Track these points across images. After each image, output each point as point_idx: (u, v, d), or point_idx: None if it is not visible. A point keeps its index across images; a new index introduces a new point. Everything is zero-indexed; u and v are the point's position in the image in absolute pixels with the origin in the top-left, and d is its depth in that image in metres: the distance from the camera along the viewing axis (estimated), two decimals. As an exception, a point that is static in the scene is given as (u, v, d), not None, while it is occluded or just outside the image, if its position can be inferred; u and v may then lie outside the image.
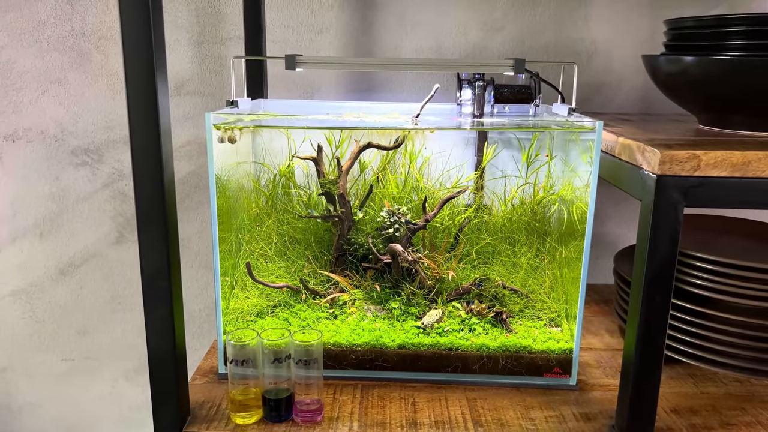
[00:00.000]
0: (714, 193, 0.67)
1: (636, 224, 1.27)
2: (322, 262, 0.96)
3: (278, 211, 0.99)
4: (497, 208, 1.00)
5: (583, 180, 0.85)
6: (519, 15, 1.18)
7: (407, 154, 0.98)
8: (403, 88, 1.21)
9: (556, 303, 0.91)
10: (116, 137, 1.23)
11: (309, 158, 0.93)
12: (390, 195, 0.98)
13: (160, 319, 0.71)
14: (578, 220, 0.86)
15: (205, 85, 1.21)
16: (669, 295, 0.69)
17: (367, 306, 0.90)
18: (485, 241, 0.97)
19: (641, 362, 0.71)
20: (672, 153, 0.66)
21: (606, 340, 1.00)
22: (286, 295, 0.92)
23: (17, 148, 1.23)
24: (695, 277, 0.85)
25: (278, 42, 1.19)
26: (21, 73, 1.19)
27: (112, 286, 1.31)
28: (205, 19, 1.18)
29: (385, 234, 0.91)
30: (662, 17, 1.18)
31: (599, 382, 0.87)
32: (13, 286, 1.31)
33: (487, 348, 0.85)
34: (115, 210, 1.27)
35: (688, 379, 0.89)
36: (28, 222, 1.27)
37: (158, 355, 0.73)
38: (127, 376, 1.36)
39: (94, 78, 1.20)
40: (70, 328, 1.33)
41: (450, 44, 1.19)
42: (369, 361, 0.85)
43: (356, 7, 1.18)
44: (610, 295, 1.19)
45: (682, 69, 0.83)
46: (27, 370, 1.36)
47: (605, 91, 1.22)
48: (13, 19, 1.17)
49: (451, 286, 0.91)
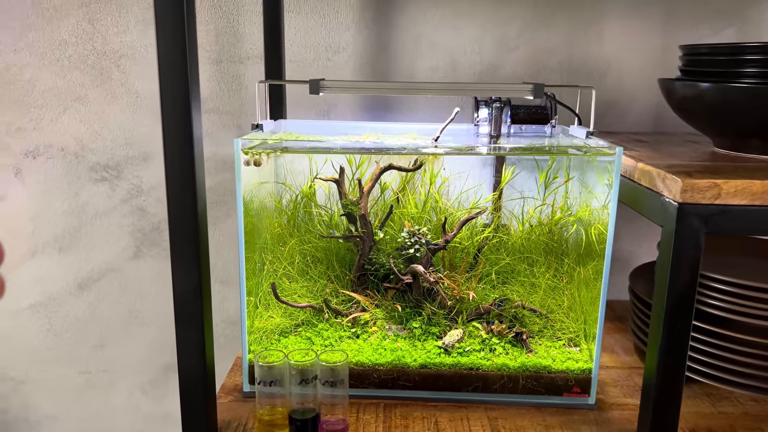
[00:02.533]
0: (734, 221, 0.68)
1: (649, 241, 1.29)
2: (343, 281, 0.97)
3: (300, 231, 1.00)
4: (515, 228, 1.02)
5: (600, 201, 0.87)
6: (533, 34, 1.20)
7: (426, 175, 1.00)
8: (419, 106, 1.22)
9: (575, 323, 0.93)
10: (135, 154, 1.25)
11: (331, 179, 0.94)
12: (410, 215, 1.00)
13: (191, 341, 0.73)
14: (596, 241, 0.87)
15: (224, 103, 1.23)
16: (690, 320, 0.71)
17: (388, 325, 0.92)
18: (504, 261, 0.98)
19: (662, 387, 0.72)
20: (693, 182, 0.67)
21: (622, 359, 1.02)
22: (309, 315, 0.94)
23: (38, 165, 1.25)
24: (712, 297, 0.87)
25: (295, 61, 1.20)
26: (43, 91, 1.21)
27: (130, 300, 1.32)
28: (224, 39, 1.20)
29: (405, 254, 0.93)
30: (674, 37, 1.21)
31: (617, 401, 0.89)
32: (32, 299, 1.32)
33: (508, 368, 0.86)
34: (133, 225, 1.28)
35: (705, 398, 0.90)
36: (48, 237, 1.29)
37: (189, 377, 0.74)
38: (144, 390, 1.38)
39: (114, 96, 1.22)
40: (88, 341, 1.35)
41: (465, 63, 1.21)
42: (391, 380, 0.87)
43: (372, 28, 1.20)
44: (624, 311, 1.21)
45: (698, 94, 0.85)
46: (45, 383, 1.37)
47: (618, 108, 1.24)
48: (35, 39, 1.19)
49: (471, 306, 0.93)
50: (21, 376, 1.37)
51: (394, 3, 1.19)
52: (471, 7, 1.19)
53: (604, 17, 1.19)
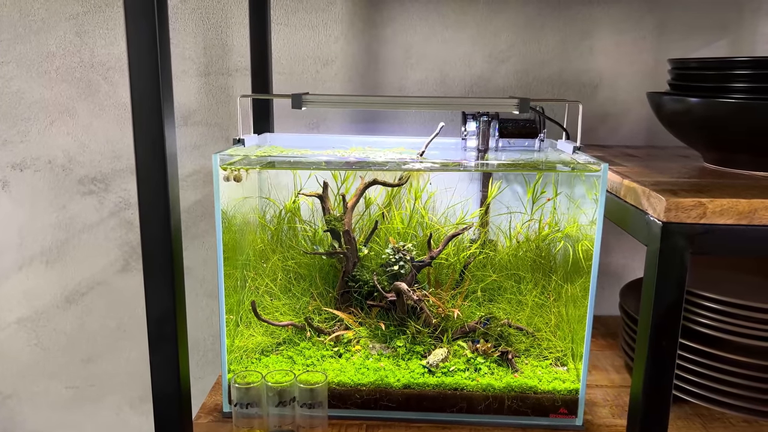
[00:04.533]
0: (720, 241, 0.67)
1: (641, 253, 1.27)
2: (326, 298, 0.96)
3: (283, 246, 0.99)
4: (502, 243, 1.00)
5: (588, 216, 0.85)
6: (523, 47, 1.19)
7: (412, 190, 0.99)
8: (409, 118, 1.21)
9: (562, 342, 0.91)
10: (123, 166, 1.24)
11: (314, 195, 0.93)
12: (395, 230, 0.98)
13: (165, 362, 0.71)
14: (584, 257, 0.86)
15: (212, 115, 1.22)
16: (676, 339, 0.69)
17: (371, 344, 0.90)
18: (491, 278, 0.96)
19: (648, 408, 0.70)
20: (677, 201, 0.66)
21: (612, 377, 0.99)
22: (291, 333, 0.92)
23: (25, 177, 1.24)
24: (702, 316, 0.85)
25: (284, 73, 1.19)
26: (30, 103, 1.21)
27: (118, 314, 1.31)
28: (212, 51, 1.19)
29: (390, 271, 0.91)
30: (666, 50, 1.19)
31: (606, 422, 0.87)
32: (19, 313, 1.31)
33: (493, 388, 0.84)
34: (121, 238, 1.27)
35: (695, 419, 0.88)
36: (35, 250, 1.28)
37: (163, 397, 0.73)
38: (132, 404, 1.36)
39: (102, 108, 1.21)
40: (75, 355, 1.33)
41: (455, 76, 1.20)
42: (374, 400, 0.85)
43: (362, 40, 1.19)
44: (615, 327, 1.19)
45: (686, 109, 0.83)
46: (32, 397, 1.36)
47: (610, 121, 1.22)
48: (22, 51, 1.18)
49: (456, 325, 0.91)
50: (8, 391, 1.35)
51: (384, 15, 1.18)
52: (460, 19, 1.17)
53: (596, 29, 1.18)
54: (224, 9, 1.17)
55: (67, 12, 1.17)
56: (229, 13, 1.17)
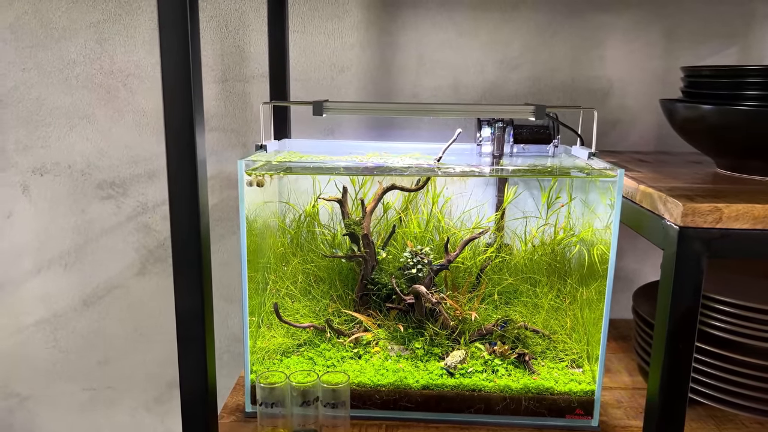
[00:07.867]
0: (736, 245, 0.68)
1: (653, 258, 1.29)
2: (346, 301, 0.98)
3: (303, 250, 1.01)
4: (518, 247, 1.02)
5: (602, 221, 0.87)
6: (535, 54, 1.21)
7: (429, 195, 1.00)
8: (423, 125, 1.23)
9: (578, 344, 0.93)
10: (141, 171, 1.26)
11: (334, 200, 0.95)
12: (412, 235, 1.00)
13: (193, 362, 0.73)
14: (599, 261, 0.87)
15: (230, 121, 1.24)
16: (692, 343, 0.71)
17: (390, 346, 0.92)
18: (507, 282, 0.98)
19: (665, 409, 0.72)
20: (694, 206, 0.67)
21: (625, 379, 1.01)
22: (311, 335, 0.94)
23: (45, 182, 1.26)
24: (716, 319, 0.86)
25: (300, 80, 1.22)
26: (51, 109, 1.23)
27: (134, 317, 1.33)
28: (229, 58, 1.21)
29: (408, 274, 0.93)
30: (676, 57, 1.21)
31: (621, 423, 0.88)
32: (37, 316, 1.33)
33: (510, 389, 0.86)
34: (138, 242, 1.29)
35: (709, 420, 0.90)
36: (53, 254, 1.30)
37: (191, 398, 0.74)
38: (147, 406, 1.38)
39: (121, 114, 1.23)
40: (93, 358, 1.35)
41: (468, 82, 1.22)
42: (393, 401, 0.87)
43: (377, 47, 1.21)
44: (627, 330, 1.20)
45: (699, 116, 0.85)
46: (49, 399, 1.38)
47: (620, 128, 1.24)
48: (44, 58, 1.20)
49: (473, 327, 0.93)
50: (26, 392, 1.37)
51: (398, 23, 1.20)
52: (473, 27, 1.20)
53: (606, 37, 1.20)
54: (241, 17, 1.19)
55: (88, 20, 1.19)
56: (246, 21, 1.19)
